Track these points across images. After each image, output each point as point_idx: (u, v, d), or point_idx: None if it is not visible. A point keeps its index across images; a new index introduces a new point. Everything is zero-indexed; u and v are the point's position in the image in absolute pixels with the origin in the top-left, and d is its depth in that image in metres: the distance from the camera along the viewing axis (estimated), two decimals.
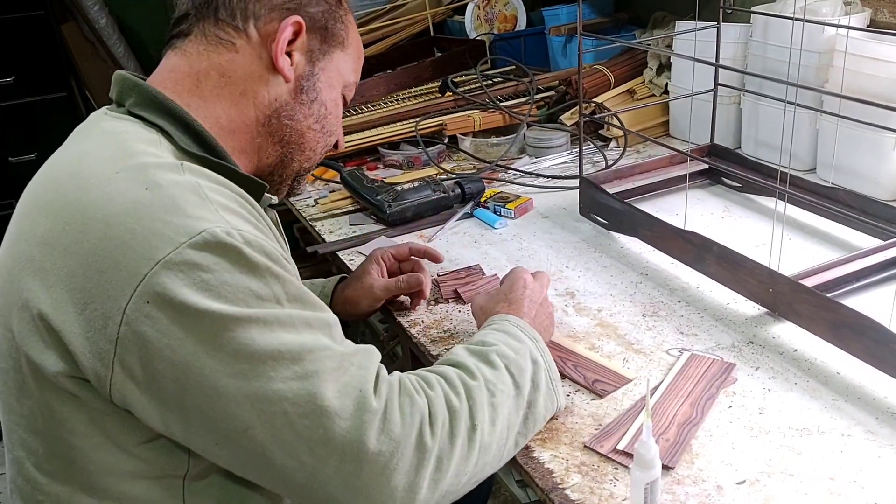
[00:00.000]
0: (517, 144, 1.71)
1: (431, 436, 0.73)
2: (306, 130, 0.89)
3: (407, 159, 1.69)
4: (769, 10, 1.50)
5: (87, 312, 0.68)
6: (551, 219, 1.42)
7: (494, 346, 0.86)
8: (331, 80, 0.90)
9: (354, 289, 1.12)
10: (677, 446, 0.84)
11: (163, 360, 0.67)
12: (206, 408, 0.68)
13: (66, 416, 0.72)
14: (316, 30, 0.87)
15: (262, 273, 0.70)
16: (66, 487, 0.75)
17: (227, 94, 0.84)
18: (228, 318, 0.67)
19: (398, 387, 0.75)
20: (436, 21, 2.24)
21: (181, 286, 0.66)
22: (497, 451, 0.80)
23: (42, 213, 0.73)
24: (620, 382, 0.95)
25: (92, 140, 0.79)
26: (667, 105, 1.77)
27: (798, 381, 0.94)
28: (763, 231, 1.30)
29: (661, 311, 1.10)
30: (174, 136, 0.78)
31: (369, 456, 0.70)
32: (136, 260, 0.66)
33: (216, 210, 0.71)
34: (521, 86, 1.86)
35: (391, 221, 1.40)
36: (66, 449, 0.74)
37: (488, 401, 0.79)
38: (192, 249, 0.67)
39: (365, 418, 0.70)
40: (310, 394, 0.69)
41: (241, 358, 0.67)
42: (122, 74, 0.83)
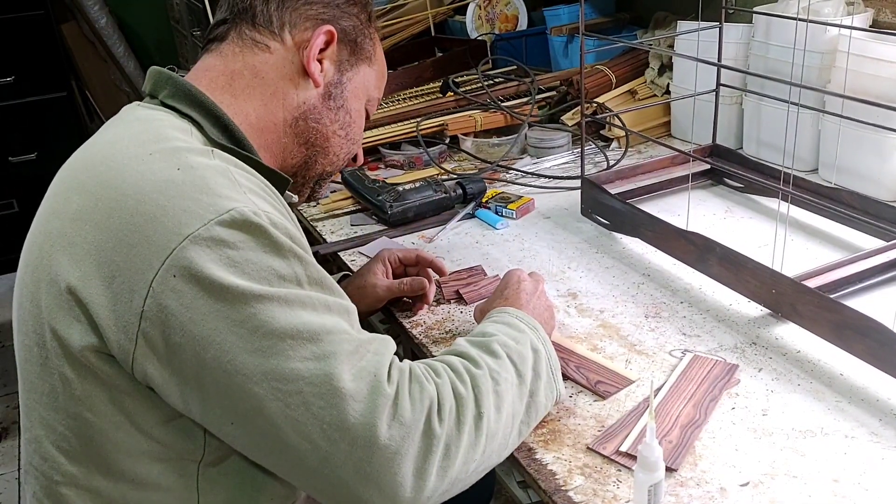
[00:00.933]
0: (518, 145, 1.71)
1: (440, 422, 0.74)
2: (331, 135, 0.93)
3: (408, 159, 1.68)
4: (771, 10, 1.49)
5: (114, 285, 0.69)
6: (553, 219, 1.41)
7: (495, 336, 0.87)
8: (356, 91, 0.95)
9: (357, 286, 1.12)
10: (680, 448, 0.84)
11: (184, 334, 0.68)
12: (223, 384, 0.69)
13: (88, 393, 0.73)
14: (346, 42, 0.92)
15: (286, 254, 0.72)
16: (83, 467, 0.76)
17: (258, 93, 0.87)
18: (251, 295, 0.68)
19: (409, 373, 0.76)
20: (437, 21, 2.24)
21: (207, 261, 0.68)
22: (503, 438, 0.80)
23: (75, 192, 0.75)
24: (623, 384, 0.95)
25: (125, 126, 0.82)
26: (668, 105, 1.76)
27: (801, 383, 0.93)
28: (765, 232, 1.29)
29: (663, 311, 1.10)
30: (205, 127, 0.81)
31: (380, 441, 0.70)
32: (165, 235, 0.68)
33: (244, 192, 0.74)
34: (523, 86, 1.86)
35: (392, 222, 1.40)
36: (84, 427, 0.74)
37: (493, 389, 0.80)
38: (220, 226, 0.69)
39: (378, 402, 0.70)
40: (326, 374, 0.69)
41: (260, 335, 0.68)
42: (157, 69, 0.86)
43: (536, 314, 0.95)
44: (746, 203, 1.41)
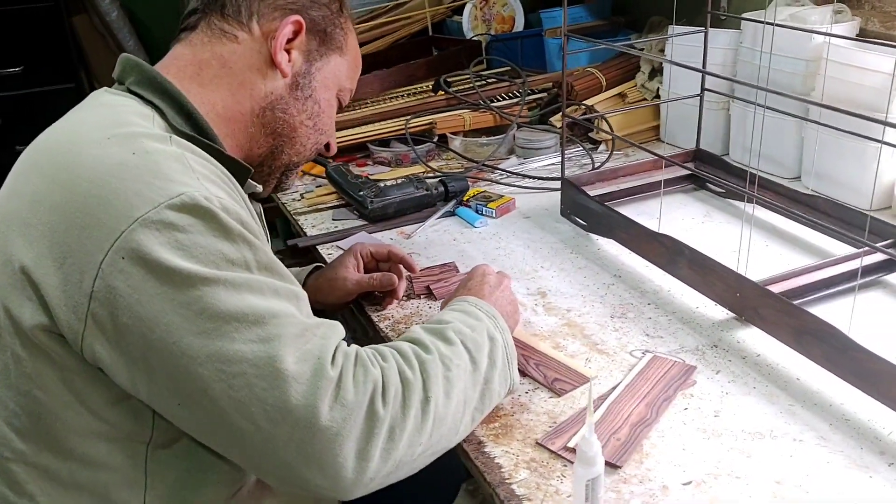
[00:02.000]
0: (506, 145, 1.72)
1: (383, 405, 0.75)
2: (298, 125, 0.93)
3: (395, 156, 1.70)
4: (759, 17, 1.50)
5: (65, 267, 0.70)
6: (532, 219, 1.42)
7: (451, 323, 0.88)
8: (326, 81, 0.95)
9: (327, 279, 1.13)
10: (627, 445, 0.84)
11: (131, 316, 0.69)
12: (169, 365, 0.70)
13: (38, 371, 0.75)
14: (315, 32, 0.92)
15: (235, 238, 0.73)
16: (32, 445, 0.77)
17: (225, 83, 0.88)
18: (197, 278, 0.70)
19: (354, 357, 0.77)
20: (435, 21, 2.25)
21: (155, 244, 0.69)
22: (452, 423, 0.81)
23: (34, 173, 0.77)
24: (580, 381, 0.96)
25: (89, 111, 0.83)
26: (658, 109, 1.77)
27: (757, 386, 0.94)
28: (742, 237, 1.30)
29: (629, 312, 1.11)
30: (167, 114, 0.82)
31: (321, 423, 0.71)
32: (116, 217, 0.70)
33: (198, 178, 0.75)
34: (514, 87, 1.87)
35: (372, 217, 1.41)
36: (34, 405, 0.76)
37: (443, 374, 0.81)
38: (169, 210, 0.70)
39: (321, 385, 0.71)
40: (269, 356, 0.70)
41: (205, 317, 0.70)
42: (126, 56, 0.87)
43: (498, 306, 0.96)
44: (726, 208, 1.41)
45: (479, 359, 0.86)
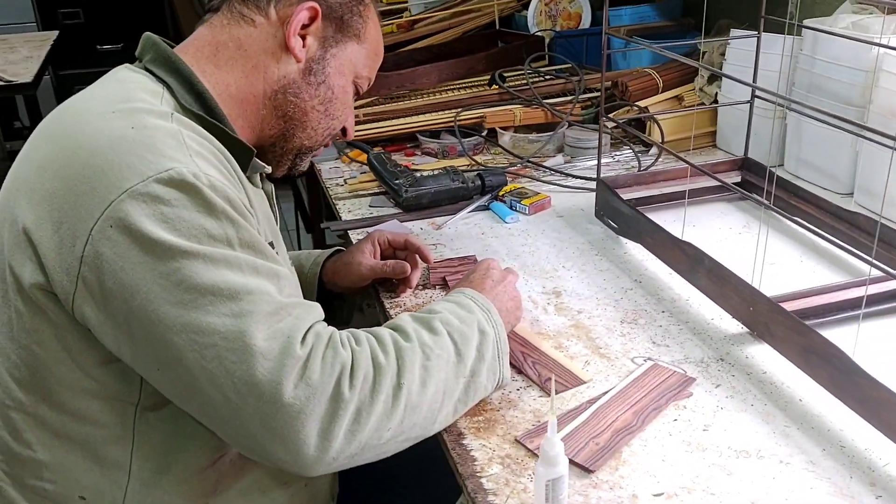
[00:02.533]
0: (555, 142, 1.70)
1: (350, 388, 0.76)
2: (310, 110, 0.95)
3: (443, 148, 1.71)
4: (820, 24, 1.43)
5: (61, 230, 0.75)
6: (565, 219, 1.41)
7: (440, 313, 0.89)
8: (341, 68, 0.96)
9: (343, 262, 1.16)
10: (605, 451, 0.84)
11: (115, 281, 0.73)
12: (147, 331, 0.74)
13: (36, 327, 0.80)
14: (332, 18, 0.93)
15: (218, 214, 0.76)
16: (31, 395, 0.82)
17: (240, 65, 0.91)
18: (177, 250, 0.73)
19: (326, 339, 0.79)
20: (504, 15, 2.24)
21: (141, 215, 0.73)
22: (429, 412, 0.82)
23: (45, 141, 0.83)
24: (574, 383, 0.95)
25: (103, 86, 0.88)
26: (715, 115, 1.72)
27: (755, 403, 0.91)
28: (779, 250, 1.25)
29: (640, 318, 1.09)
30: (177, 92, 0.85)
31: (285, 399, 0.73)
32: (108, 187, 0.74)
33: (190, 155, 0.78)
34: (570, 84, 1.85)
35: (406, 206, 1.43)
36: (32, 358, 0.81)
37: (420, 363, 0.82)
38: (157, 183, 0.74)
39: (287, 363, 0.74)
40: (240, 331, 0.73)
41: (183, 288, 0.73)
42: (148, 35, 0.91)
43: (497, 300, 0.97)
44: (767, 220, 1.37)
45: (466, 351, 0.87)
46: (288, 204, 3.30)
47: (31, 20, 3.86)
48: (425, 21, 2.32)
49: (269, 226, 0.94)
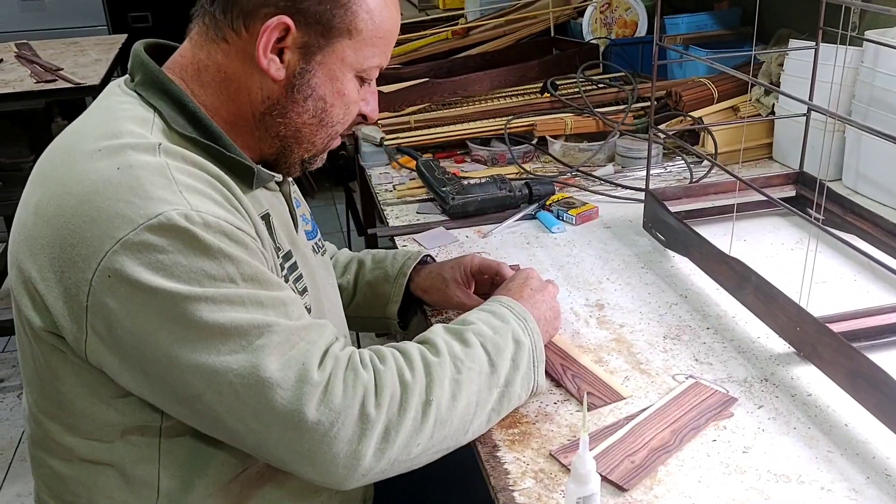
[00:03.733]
0: (606, 152, 1.69)
1: (376, 407, 0.77)
2: (301, 126, 0.88)
3: (492, 155, 1.71)
4: (882, 35, 1.39)
5: (64, 280, 0.75)
6: (613, 230, 1.40)
7: (473, 324, 0.89)
8: (332, 73, 0.86)
9: (436, 287, 1.12)
10: (640, 470, 0.83)
11: (124, 329, 0.74)
12: (163, 374, 0.75)
13: (54, 365, 0.81)
14: (310, 24, 0.82)
15: (215, 254, 0.75)
16: (57, 426, 0.84)
17: (223, 88, 0.85)
18: (180, 296, 0.73)
19: (346, 361, 0.79)
20: (559, 22, 2.24)
21: (136, 265, 0.72)
22: (460, 424, 0.83)
23: (38, 183, 0.81)
24: (612, 399, 0.94)
25: (93, 116, 0.85)
26: (773, 126, 1.68)
27: (798, 427, 0.89)
28: (832, 268, 1.22)
29: (684, 334, 1.07)
30: (168, 116, 0.82)
31: (309, 425, 0.75)
32: (100, 237, 0.73)
33: (179, 192, 0.75)
34: (623, 93, 1.83)
35: (452, 213, 1.44)
36: (55, 393, 0.83)
37: (451, 377, 0.82)
38: (148, 231, 0.73)
39: (305, 390, 0.75)
40: (253, 366, 0.74)
41: (191, 331, 0.73)
42: (136, 50, 0.87)
43: (535, 309, 0.96)
44: (822, 236, 1.33)
45: (499, 361, 0.87)
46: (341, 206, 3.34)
47: (103, 23, 3.99)
48: (480, 28, 2.33)
49: (286, 232, 0.92)
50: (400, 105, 1.86)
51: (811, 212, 1.34)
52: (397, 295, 1.14)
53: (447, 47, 2.26)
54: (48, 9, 3.82)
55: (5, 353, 2.77)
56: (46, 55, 2.70)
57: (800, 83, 1.46)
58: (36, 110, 2.32)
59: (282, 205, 0.94)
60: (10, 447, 2.35)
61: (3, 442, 2.37)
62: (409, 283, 1.14)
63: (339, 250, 1.24)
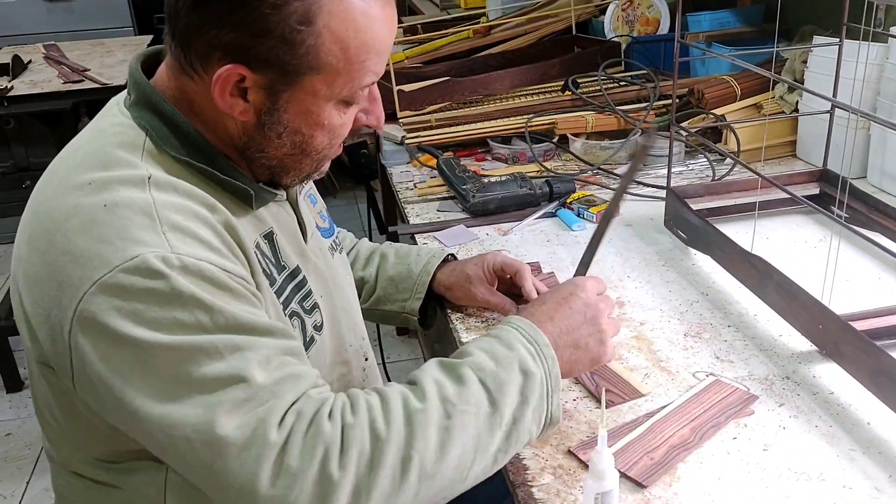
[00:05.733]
0: (627, 150, 1.68)
1: (340, 467, 0.70)
2: (283, 157, 0.84)
3: (513, 154, 1.71)
4: None
5: (51, 318, 0.74)
6: (634, 227, 1.40)
7: (471, 356, 0.81)
8: (304, 108, 0.80)
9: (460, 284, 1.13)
10: (660, 467, 0.83)
11: (95, 373, 0.72)
12: (131, 423, 0.73)
13: (52, 391, 0.81)
14: (268, 67, 0.76)
15: (187, 302, 0.71)
16: (64, 449, 0.85)
17: (200, 121, 0.82)
18: (147, 344, 0.70)
19: (310, 416, 0.72)
20: (580, 20, 2.23)
21: (108, 309, 0.70)
22: (456, 475, 0.75)
23: (33, 212, 0.80)
24: (631, 396, 0.94)
25: (88, 138, 0.83)
26: (796, 123, 1.67)
27: (819, 425, 0.88)
28: (856, 266, 1.21)
29: (705, 332, 1.07)
30: (160, 138, 0.79)
31: (262, 493, 0.69)
32: (81, 278, 0.71)
33: (162, 233, 0.73)
34: (645, 91, 1.83)
35: (473, 211, 1.44)
36: (61, 420, 0.83)
37: (439, 424, 0.74)
38: (123, 273, 0.70)
39: (261, 452, 0.70)
40: (210, 422, 0.69)
41: (157, 382, 0.70)
42: (132, 67, 0.84)
43: (564, 336, 0.86)
44: (846, 234, 1.32)
45: (501, 398, 0.77)
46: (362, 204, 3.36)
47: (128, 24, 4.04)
48: (501, 26, 2.33)
49: (293, 245, 0.90)
50: (421, 104, 1.86)
51: (835, 209, 1.33)
52: (420, 292, 1.14)
53: (468, 46, 2.27)
54: (75, 11, 3.87)
55: None
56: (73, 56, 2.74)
57: (823, 80, 1.45)
58: (63, 110, 2.36)
59: (288, 215, 0.91)
60: (38, 442, 2.39)
61: (31, 437, 2.41)
62: (430, 281, 1.15)
63: (360, 240, 1.24)
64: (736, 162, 1.58)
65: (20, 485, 2.23)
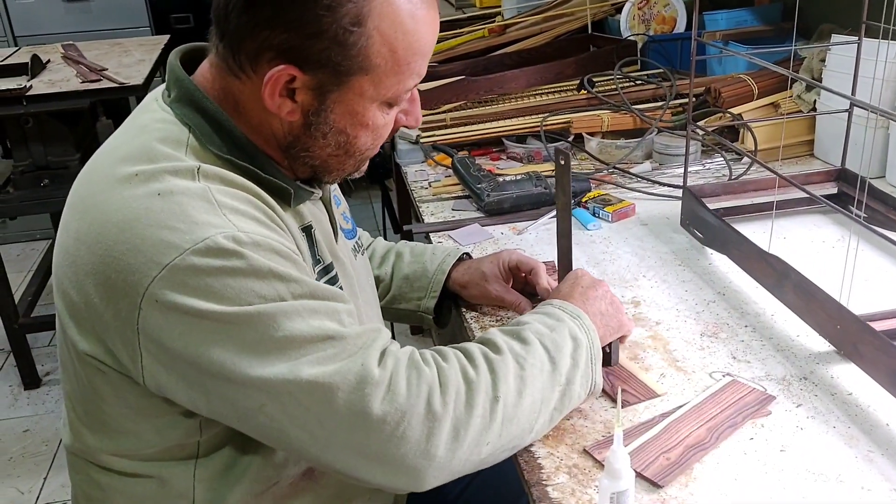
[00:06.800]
0: (643, 149, 1.68)
1: (442, 404, 0.76)
2: (328, 157, 0.86)
3: (528, 153, 1.71)
4: None
5: (112, 304, 0.74)
6: (649, 227, 1.39)
7: (528, 324, 0.88)
8: (351, 108, 0.81)
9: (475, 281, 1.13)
10: (675, 467, 0.82)
11: (177, 349, 0.73)
12: (222, 390, 0.74)
13: (98, 386, 0.81)
14: (320, 68, 0.77)
15: (265, 275, 0.74)
16: (100, 441, 0.85)
17: (245, 120, 0.83)
18: (231, 317, 0.72)
19: (406, 360, 0.78)
20: (596, 19, 2.22)
21: (184, 290, 0.71)
22: (527, 423, 0.81)
23: (77, 209, 0.80)
24: (647, 396, 0.94)
25: (130, 133, 0.84)
26: (814, 123, 1.66)
27: (837, 426, 0.88)
28: (876, 266, 1.20)
29: (722, 332, 1.06)
30: (203, 136, 0.80)
31: (374, 424, 0.73)
32: (146, 264, 0.72)
33: (224, 214, 0.75)
34: (661, 90, 1.82)
35: (487, 210, 1.44)
36: (98, 412, 0.83)
37: (516, 373, 0.81)
38: (195, 256, 0.72)
39: (367, 390, 0.74)
40: (310, 374, 0.73)
41: (246, 350, 0.73)
42: (172, 64, 0.85)
43: (589, 306, 0.93)
44: (865, 234, 1.31)
45: (560, 359, 0.85)
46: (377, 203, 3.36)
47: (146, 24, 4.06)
48: (517, 25, 2.33)
49: (327, 242, 0.92)
50: (436, 103, 1.86)
51: (853, 209, 1.31)
52: (435, 290, 1.14)
53: (484, 45, 2.27)
54: (94, 11, 3.90)
55: (50, 346, 2.84)
56: (92, 56, 2.76)
57: (842, 79, 1.43)
58: (81, 110, 2.37)
59: (322, 213, 0.93)
60: (55, 438, 2.41)
61: (49, 433, 2.43)
62: (446, 279, 1.15)
63: (375, 239, 1.25)
64: (753, 161, 1.57)
65: (38, 481, 2.25)
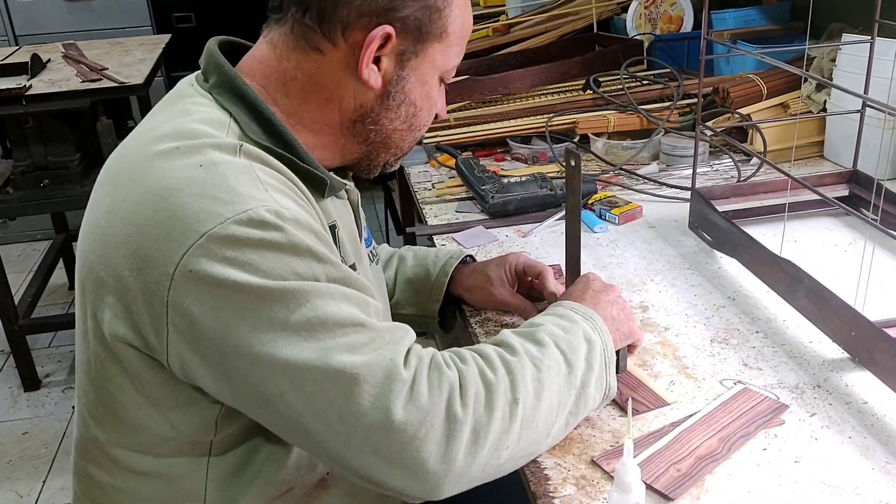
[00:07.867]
0: (650, 150, 1.65)
1: (462, 406, 0.74)
2: (392, 132, 0.89)
3: (533, 154, 1.68)
4: None
5: (142, 276, 0.72)
6: (657, 229, 1.36)
7: (542, 325, 0.86)
8: (423, 77, 0.87)
9: (479, 285, 1.11)
10: (686, 478, 0.80)
11: (205, 325, 0.71)
12: (244, 372, 0.72)
13: (113, 373, 0.79)
14: (408, 31, 0.82)
15: (303, 253, 0.73)
16: (106, 433, 0.83)
17: (313, 98, 0.84)
18: (264, 290, 0.70)
19: (428, 360, 0.76)
20: (602, 18, 2.20)
21: (220, 260, 0.70)
22: (544, 427, 0.80)
23: (111, 183, 0.79)
24: (656, 404, 0.91)
25: (168, 114, 0.83)
26: (824, 123, 1.63)
27: (853, 436, 0.85)
28: (890, 270, 1.17)
29: (732, 338, 1.04)
30: (242, 123, 0.80)
31: (396, 425, 0.71)
32: (184, 231, 0.70)
33: (266, 189, 0.74)
34: (668, 90, 1.79)
35: (492, 212, 1.42)
36: (110, 401, 0.81)
37: (533, 375, 0.79)
38: (236, 225, 0.70)
39: (393, 387, 0.72)
40: (339, 362, 0.71)
41: (275, 327, 0.71)
42: (211, 49, 0.85)
43: (601, 309, 0.91)
44: (878, 237, 1.28)
45: (575, 361, 0.83)
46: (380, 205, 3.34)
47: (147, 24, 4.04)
48: (521, 25, 2.30)
49: (351, 243, 0.91)
50: None
51: (866, 212, 1.29)
52: (438, 293, 1.12)
53: (488, 45, 2.24)
54: (95, 10, 3.88)
55: (51, 347, 2.82)
56: (92, 55, 2.74)
57: (853, 79, 1.41)
58: (82, 109, 2.35)
59: (349, 214, 0.92)
60: (55, 441, 2.39)
61: (48, 436, 2.41)
62: (449, 283, 1.13)
63: (379, 245, 1.22)
64: (763, 162, 1.55)
65: (37, 483, 2.23)
